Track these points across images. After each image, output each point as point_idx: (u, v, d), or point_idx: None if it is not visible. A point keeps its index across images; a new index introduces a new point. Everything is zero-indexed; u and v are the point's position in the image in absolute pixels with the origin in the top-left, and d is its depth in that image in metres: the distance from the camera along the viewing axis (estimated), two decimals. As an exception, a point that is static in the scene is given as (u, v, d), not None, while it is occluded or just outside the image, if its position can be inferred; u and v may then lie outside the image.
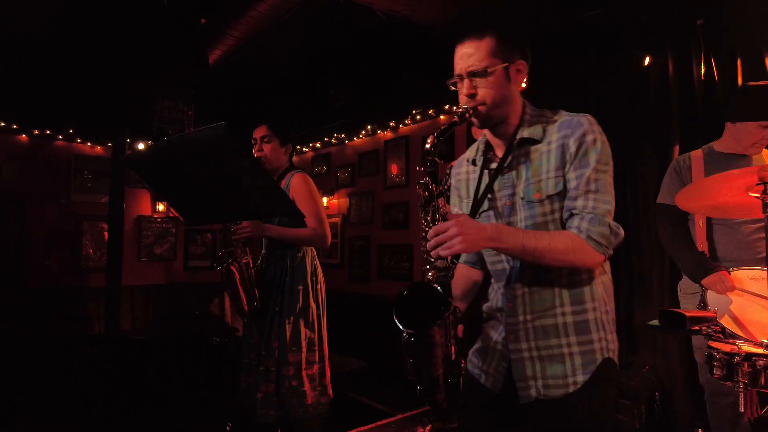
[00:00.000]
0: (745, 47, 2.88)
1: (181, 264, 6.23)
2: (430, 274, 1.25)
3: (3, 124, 5.20)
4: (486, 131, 1.44)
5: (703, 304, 2.11)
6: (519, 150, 1.37)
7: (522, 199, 1.34)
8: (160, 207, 6.06)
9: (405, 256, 5.23)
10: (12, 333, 4.83)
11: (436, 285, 1.22)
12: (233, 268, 2.27)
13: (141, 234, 5.94)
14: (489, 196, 1.40)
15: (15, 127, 5.28)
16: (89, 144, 5.74)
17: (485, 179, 1.43)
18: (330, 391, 2.49)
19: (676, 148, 3.10)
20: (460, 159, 1.59)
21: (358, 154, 5.95)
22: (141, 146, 5.29)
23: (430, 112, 5.00)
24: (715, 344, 1.83)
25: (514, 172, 1.37)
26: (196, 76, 4.33)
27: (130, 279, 5.43)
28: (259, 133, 2.51)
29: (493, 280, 1.47)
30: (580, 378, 1.28)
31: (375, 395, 4.17)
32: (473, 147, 1.53)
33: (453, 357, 1.26)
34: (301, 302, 2.39)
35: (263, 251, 2.57)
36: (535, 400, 1.31)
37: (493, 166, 1.42)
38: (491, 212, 1.40)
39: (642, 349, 3.30)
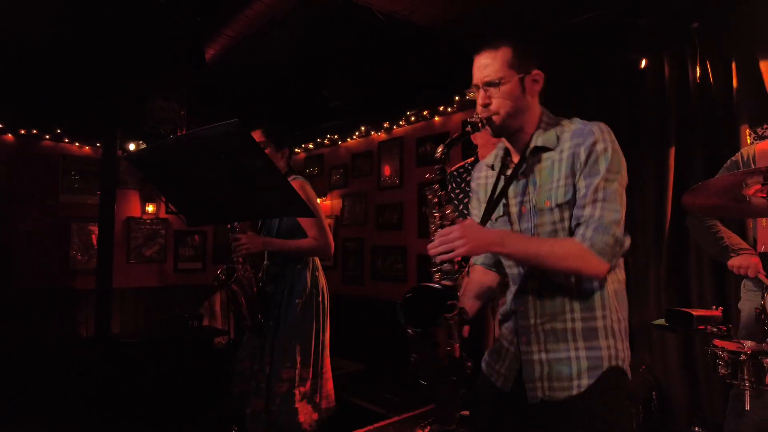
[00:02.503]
0: (739, 51, 2.93)
1: (170, 266, 6.14)
2: (437, 276, 1.29)
3: (-12, 124, 5.09)
4: (503, 139, 1.47)
5: (762, 302, 2.08)
6: (533, 158, 1.39)
7: (534, 206, 1.36)
8: (150, 208, 5.97)
9: (399, 257, 5.22)
10: (-2, 336, 4.71)
11: (440, 287, 1.26)
12: (234, 287, 2.23)
13: (130, 236, 5.84)
14: (504, 201, 1.43)
15: (0, 126, 5.15)
16: (77, 144, 5.62)
17: (501, 185, 1.45)
18: (325, 405, 2.43)
19: (672, 150, 3.14)
20: (480, 164, 1.62)
21: (351, 155, 5.92)
22: (132, 146, 5.20)
23: (425, 113, 5.00)
24: (720, 343, 1.85)
25: (527, 180, 1.39)
26: (192, 75, 4.27)
27: (119, 281, 5.33)
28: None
29: (509, 283, 1.49)
30: (585, 382, 1.30)
31: (371, 398, 4.15)
32: (493, 152, 1.56)
33: (457, 355, 1.28)
34: (297, 316, 2.35)
35: (264, 262, 2.52)
36: (540, 401, 1.33)
37: (509, 172, 1.45)
38: (506, 218, 1.43)
39: (638, 348, 3.32)
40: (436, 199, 1.32)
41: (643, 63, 3.24)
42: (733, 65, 2.94)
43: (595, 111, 3.54)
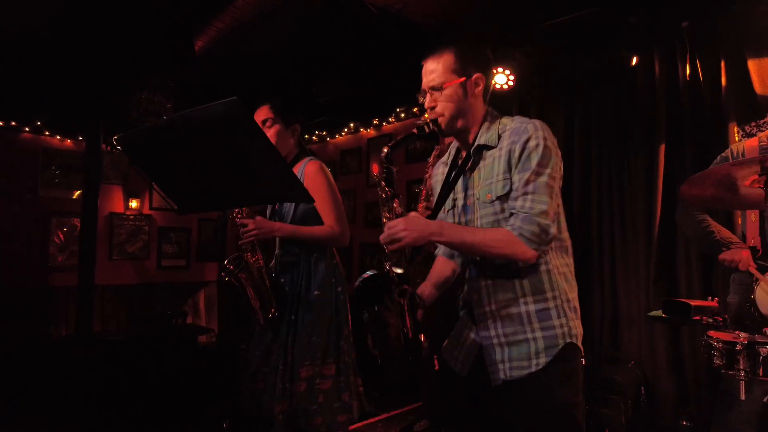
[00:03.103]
0: (728, 50, 2.97)
1: (154, 263, 6.02)
2: (387, 265, 1.41)
3: (-37, 115, 4.93)
4: (453, 138, 1.60)
5: (752, 296, 2.09)
6: (477, 155, 1.51)
7: (478, 199, 1.48)
8: (133, 204, 5.86)
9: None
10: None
11: (388, 274, 1.40)
12: (242, 277, 2.06)
13: (113, 232, 5.72)
14: (453, 195, 1.56)
15: (-24, 118, 5.01)
16: (58, 137, 5.49)
17: (452, 179, 1.57)
18: (356, 410, 2.20)
19: (662, 147, 3.17)
20: (438, 162, 1.74)
21: (340, 151, 5.89)
22: (114, 141, 5.07)
23: (415, 110, 4.99)
24: (715, 333, 1.86)
25: (473, 175, 1.52)
26: (180, 67, 4.19)
27: (101, 278, 5.21)
28: (260, 116, 2.18)
29: (465, 273, 1.59)
30: (543, 360, 1.39)
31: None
32: (448, 151, 1.69)
33: (410, 335, 1.40)
34: (316, 310, 2.14)
35: (276, 251, 2.31)
36: (503, 382, 1.42)
37: (458, 168, 1.57)
38: (455, 210, 1.56)
39: (627, 343, 3.35)
40: (384, 195, 1.44)
41: (634, 61, 3.28)
42: (722, 64, 2.98)
43: (587, 108, 3.57)
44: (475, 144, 1.50)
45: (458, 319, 1.62)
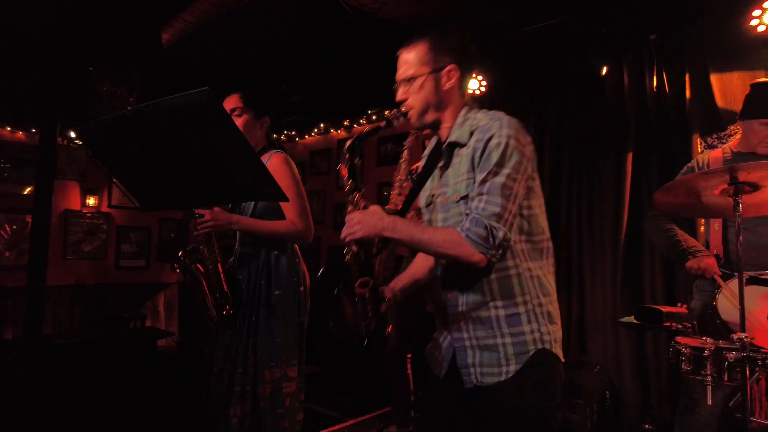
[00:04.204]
0: (692, 64, 3.07)
1: (112, 263, 5.77)
2: (347, 257, 1.40)
3: None
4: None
5: (714, 302, 2.14)
6: (449, 152, 1.46)
7: (448, 198, 1.44)
8: (91, 201, 5.59)
9: (357, 257, 5.13)
10: None
11: (342, 264, 1.40)
12: (197, 268, 1.97)
13: (67, 230, 5.44)
14: (431, 192, 1.52)
15: None
16: (9, 129, 5.18)
17: (422, 175, 1.54)
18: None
19: (630, 155, 3.24)
20: (424, 153, 1.68)
21: (309, 152, 5.80)
22: (74, 134, 4.84)
23: (386, 112, 4.96)
24: (683, 339, 1.89)
25: (445, 173, 1.47)
26: (146, 59, 4.01)
27: (54, 278, 4.95)
28: (229, 104, 2.12)
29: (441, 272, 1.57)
30: (513, 367, 1.35)
31: (326, 401, 4.04)
32: (430, 141, 1.64)
33: (372, 327, 1.39)
34: (279, 310, 2.08)
35: (236, 246, 2.23)
36: (474, 386, 1.39)
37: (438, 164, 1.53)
38: (430, 207, 1.52)
39: (592, 348, 3.40)
40: (347, 189, 1.41)
41: (605, 70, 3.34)
42: (687, 77, 3.08)
43: (559, 114, 3.62)
44: (447, 141, 1.46)
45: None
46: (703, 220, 2.53)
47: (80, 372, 4.11)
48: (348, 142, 1.41)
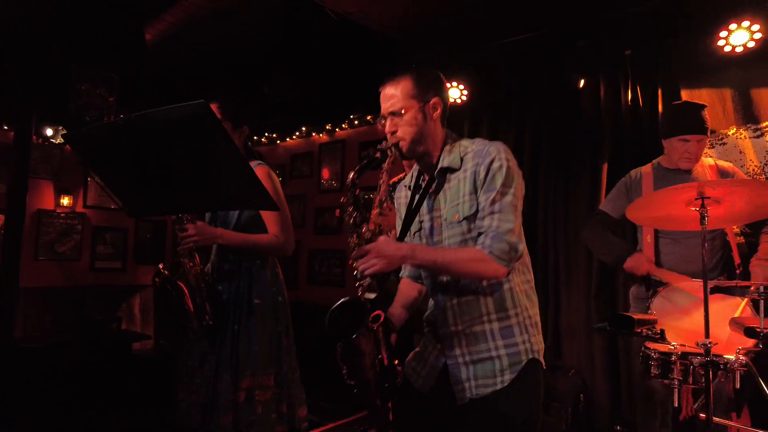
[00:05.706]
0: (665, 80, 3.19)
1: (86, 264, 5.65)
2: (360, 291, 1.42)
3: None
4: (415, 162, 1.64)
5: (648, 309, 2.26)
6: (441, 177, 1.55)
7: (445, 220, 1.51)
8: (65, 201, 5.46)
9: (337, 261, 5.16)
10: None
11: (360, 301, 1.40)
12: (180, 284, 1.99)
13: (40, 230, 5.31)
14: (419, 218, 1.59)
15: None
16: (-19, 126, 5.04)
17: (416, 203, 1.60)
18: (298, 415, 2.19)
19: (605, 167, 3.35)
20: (400, 184, 1.77)
21: (290, 155, 5.80)
22: (50, 132, 4.73)
23: (368, 117, 5.00)
24: (652, 345, 1.98)
25: (438, 197, 1.55)
26: (126, 58, 3.95)
27: (25, 280, 4.81)
28: None
29: (430, 293, 1.62)
30: (508, 377, 1.43)
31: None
32: (410, 174, 1.72)
33: (386, 362, 1.42)
34: (258, 319, 2.11)
35: (213, 257, 2.24)
36: (469, 400, 1.44)
37: (422, 191, 1.60)
38: (421, 232, 1.58)
39: (567, 352, 3.50)
40: (351, 221, 1.46)
41: (582, 83, 3.45)
42: (659, 92, 3.20)
43: (536, 126, 3.71)
44: (439, 166, 1.53)
45: (423, 336, 1.63)
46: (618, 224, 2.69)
47: (51, 377, 4.02)
48: (350, 175, 1.49)
